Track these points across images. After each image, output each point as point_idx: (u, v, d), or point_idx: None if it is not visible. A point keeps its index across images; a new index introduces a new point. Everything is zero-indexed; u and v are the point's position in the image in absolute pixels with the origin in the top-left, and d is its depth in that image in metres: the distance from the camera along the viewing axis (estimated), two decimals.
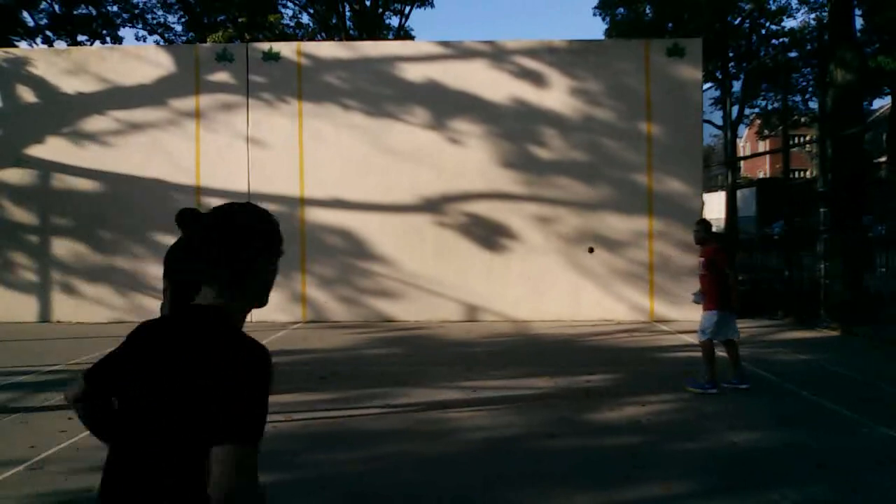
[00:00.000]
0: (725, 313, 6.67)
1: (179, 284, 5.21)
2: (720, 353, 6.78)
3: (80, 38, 26.02)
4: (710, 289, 6.72)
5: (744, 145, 58.53)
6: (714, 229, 7.21)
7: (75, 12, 25.84)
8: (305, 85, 11.95)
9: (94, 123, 12.02)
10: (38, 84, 12.09)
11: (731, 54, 29.00)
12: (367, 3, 26.50)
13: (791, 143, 15.07)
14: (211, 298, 1.57)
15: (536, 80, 11.85)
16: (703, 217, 7.32)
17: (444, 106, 11.88)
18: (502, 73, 11.88)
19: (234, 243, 1.54)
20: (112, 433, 1.58)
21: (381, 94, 11.92)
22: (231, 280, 1.56)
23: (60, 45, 24.77)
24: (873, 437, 5.24)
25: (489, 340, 9.91)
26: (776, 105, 31.18)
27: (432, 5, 27.76)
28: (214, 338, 1.51)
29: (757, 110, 34.51)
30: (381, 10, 27.30)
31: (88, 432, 1.70)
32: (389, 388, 6.86)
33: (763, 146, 48.11)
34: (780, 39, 28.69)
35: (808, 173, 46.03)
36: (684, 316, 11.37)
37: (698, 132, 12.13)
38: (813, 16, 26.75)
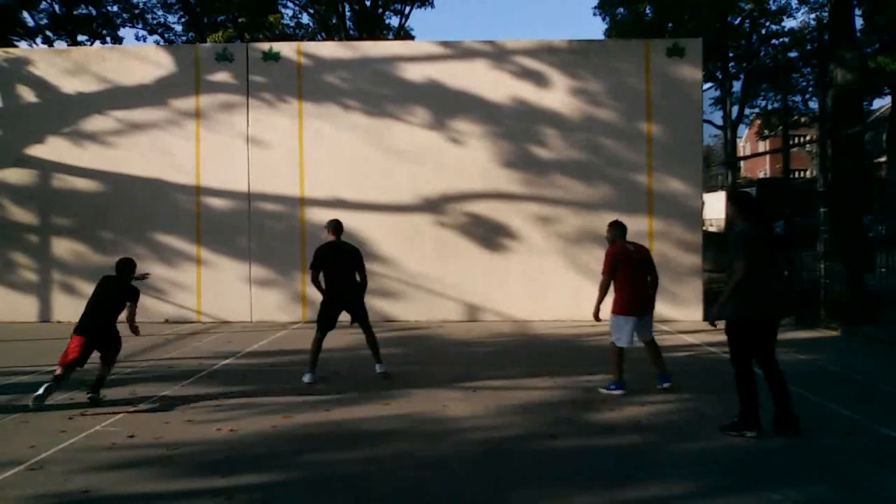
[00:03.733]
0: (614, 316, 6.87)
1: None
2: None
3: (80, 38, 26.06)
4: None
5: (744, 145, 58.54)
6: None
7: (75, 12, 25.88)
8: (306, 85, 11.95)
9: (95, 123, 12.03)
10: (38, 84, 12.09)
11: (731, 54, 29.01)
12: (367, 3, 26.52)
13: (791, 143, 15.06)
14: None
15: (537, 79, 11.85)
16: (618, 219, 7.35)
17: (445, 106, 11.88)
18: (503, 73, 11.87)
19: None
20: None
21: (381, 93, 11.92)
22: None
23: (60, 45, 24.80)
24: (873, 437, 5.24)
25: (489, 340, 9.91)
26: (776, 105, 31.18)
27: (432, 5, 27.88)
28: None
29: (757, 110, 34.54)
30: (381, 10, 27.32)
31: (88, 433, 1.72)
32: (389, 388, 6.86)
33: (763, 146, 48.11)
34: (780, 39, 28.73)
35: (808, 173, 46.03)
36: (685, 316, 11.38)
37: (698, 132, 12.12)
38: (813, 16, 26.79)
